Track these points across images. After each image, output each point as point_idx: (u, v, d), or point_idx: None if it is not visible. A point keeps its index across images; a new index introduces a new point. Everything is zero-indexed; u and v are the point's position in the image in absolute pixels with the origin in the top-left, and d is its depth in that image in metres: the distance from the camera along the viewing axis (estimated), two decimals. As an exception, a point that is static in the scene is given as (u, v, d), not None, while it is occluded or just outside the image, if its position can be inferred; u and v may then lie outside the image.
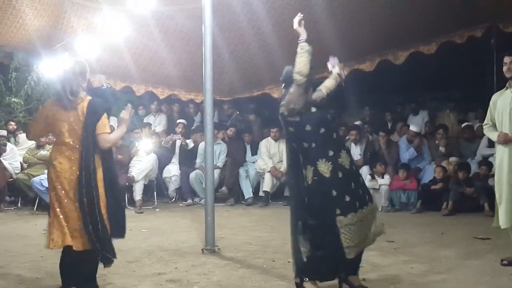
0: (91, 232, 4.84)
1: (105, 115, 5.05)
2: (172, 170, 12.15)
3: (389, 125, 12.84)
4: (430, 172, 10.69)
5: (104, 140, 4.98)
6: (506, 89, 6.25)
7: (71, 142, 4.95)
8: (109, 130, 5.07)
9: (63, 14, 10.21)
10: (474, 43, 10.71)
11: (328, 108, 5.14)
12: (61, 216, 4.91)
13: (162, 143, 12.27)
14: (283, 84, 5.19)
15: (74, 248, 4.89)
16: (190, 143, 12.36)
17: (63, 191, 4.91)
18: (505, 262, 6.03)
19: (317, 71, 12.48)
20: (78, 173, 4.89)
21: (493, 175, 7.04)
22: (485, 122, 6.55)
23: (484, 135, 8.68)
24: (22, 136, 11.88)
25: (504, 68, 6.14)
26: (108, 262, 5.07)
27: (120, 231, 5.13)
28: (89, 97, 5.07)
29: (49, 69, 11.30)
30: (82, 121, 4.94)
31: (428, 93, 14.18)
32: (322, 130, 4.92)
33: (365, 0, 9.46)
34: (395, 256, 6.55)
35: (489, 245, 7.06)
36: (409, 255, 6.53)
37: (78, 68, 5.06)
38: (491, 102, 6.39)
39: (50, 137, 10.13)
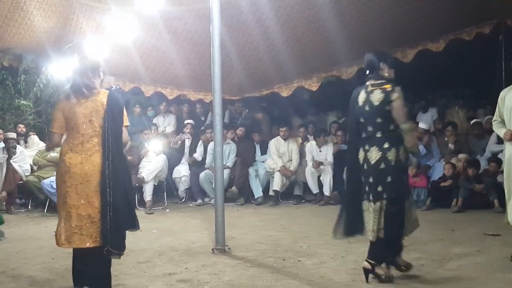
0: (107, 227, 4.81)
1: (124, 107, 5.13)
2: (182, 171, 12.18)
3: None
4: (439, 169, 10.67)
5: (125, 133, 5.09)
6: (514, 85, 6.24)
7: (85, 135, 4.93)
8: (127, 123, 5.14)
9: (72, 15, 10.24)
10: (482, 40, 10.68)
11: None
12: (65, 213, 4.88)
13: (171, 144, 12.28)
14: (367, 71, 5.65)
15: (76, 246, 4.87)
16: (199, 157, 12.34)
17: (70, 186, 4.87)
18: (515, 258, 6.02)
19: (326, 70, 12.54)
20: (101, 164, 4.87)
21: (502, 172, 7.03)
22: (494, 118, 6.54)
23: (493, 131, 8.66)
24: (32, 138, 11.94)
25: (514, 65, 6.12)
26: (113, 255, 4.93)
27: (133, 222, 5.06)
28: (106, 91, 5.09)
29: (58, 71, 11.33)
30: (102, 112, 4.94)
31: (437, 90, 14.17)
32: None
33: (373, -2, 9.48)
34: (406, 253, 6.50)
35: (500, 241, 7.04)
36: (420, 252, 6.52)
37: (89, 64, 5.09)
38: (499, 98, 6.37)
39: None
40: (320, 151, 11.67)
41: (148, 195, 11.10)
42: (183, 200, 12.20)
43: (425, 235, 7.64)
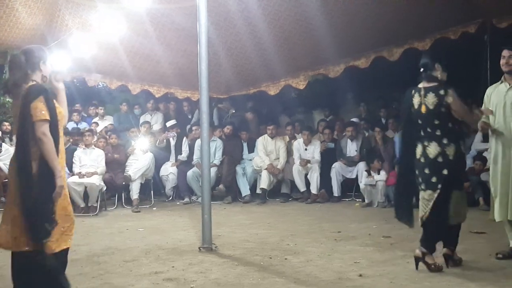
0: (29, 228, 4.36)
1: (38, 99, 4.36)
2: (169, 169, 12.16)
3: (384, 121, 12.86)
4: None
5: (38, 128, 4.35)
6: (501, 83, 6.25)
7: (16, 135, 4.58)
8: (43, 117, 4.35)
9: (58, 12, 10.17)
10: (468, 39, 10.72)
11: None
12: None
13: (157, 144, 12.22)
14: (422, 69, 5.98)
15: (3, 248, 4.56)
16: (184, 157, 12.31)
17: (8, 187, 4.64)
18: (500, 255, 6.07)
19: (313, 68, 12.54)
20: (15, 166, 4.45)
21: (487, 170, 7.07)
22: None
23: (478, 130, 8.70)
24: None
25: (502, 62, 6.12)
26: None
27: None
28: (31, 84, 4.48)
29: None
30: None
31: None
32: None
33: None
34: (392, 251, 6.58)
35: (485, 239, 7.09)
36: (406, 250, 6.54)
37: (24, 58, 4.52)
38: (485, 95, 6.41)
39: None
40: (306, 149, 11.68)
41: (135, 193, 11.08)
42: (170, 198, 12.20)
43: (412, 232, 7.62)
